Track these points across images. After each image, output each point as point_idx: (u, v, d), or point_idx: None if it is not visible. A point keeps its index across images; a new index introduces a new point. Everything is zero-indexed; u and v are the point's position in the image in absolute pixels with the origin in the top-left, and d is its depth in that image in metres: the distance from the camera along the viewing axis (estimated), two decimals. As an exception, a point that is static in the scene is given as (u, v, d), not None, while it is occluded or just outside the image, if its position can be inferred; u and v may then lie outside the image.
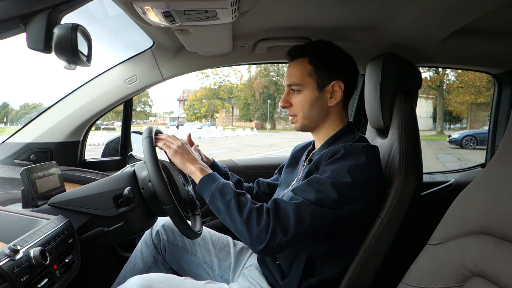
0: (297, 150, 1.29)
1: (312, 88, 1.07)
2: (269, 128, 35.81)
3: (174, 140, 1.11)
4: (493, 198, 0.68)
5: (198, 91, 37.58)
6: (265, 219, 0.88)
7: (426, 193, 1.78)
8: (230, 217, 0.92)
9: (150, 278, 0.97)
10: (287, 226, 0.88)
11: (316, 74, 1.06)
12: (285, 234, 0.88)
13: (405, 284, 0.77)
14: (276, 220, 0.88)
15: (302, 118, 1.09)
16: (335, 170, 0.94)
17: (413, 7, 1.13)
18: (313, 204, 0.90)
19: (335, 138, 1.09)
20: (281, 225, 0.88)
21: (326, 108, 1.09)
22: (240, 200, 0.93)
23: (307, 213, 0.89)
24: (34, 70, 46.56)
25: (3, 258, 0.68)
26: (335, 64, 1.07)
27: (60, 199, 1.01)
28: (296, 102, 1.09)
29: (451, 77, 21.44)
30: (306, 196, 0.92)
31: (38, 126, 1.55)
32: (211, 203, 0.97)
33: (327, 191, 0.91)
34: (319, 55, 1.07)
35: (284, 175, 1.25)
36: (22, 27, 0.81)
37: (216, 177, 1.01)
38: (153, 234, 1.29)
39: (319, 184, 0.93)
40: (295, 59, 1.10)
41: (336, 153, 0.97)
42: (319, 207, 0.90)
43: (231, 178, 1.31)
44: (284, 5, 1.19)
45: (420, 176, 1.07)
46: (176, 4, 0.86)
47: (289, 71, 1.10)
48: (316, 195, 0.91)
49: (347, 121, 1.13)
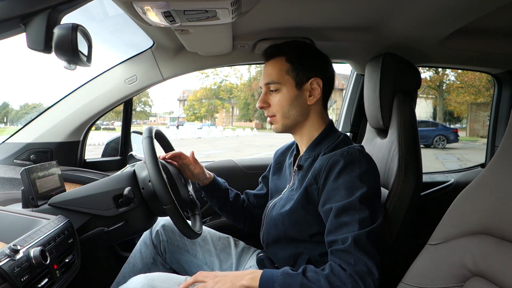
0: (278, 155, 1.27)
1: (290, 86, 1.05)
2: (269, 128, 35.44)
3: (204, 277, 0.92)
4: (493, 198, 0.68)
5: (198, 91, 37.57)
6: (342, 273, 0.83)
7: (426, 193, 1.78)
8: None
9: (151, 277, 0.97)
10: (366, 266, 0.83)
11: (294, 72, 1.05)
12: (366, 266, 0.83)
13: (405, 284, 0.77)
14: (351, 267, 0.84)
15: (282, 117, 1.07)
16: (348, 185, 0.92)
17: (413, 7, 1.13)
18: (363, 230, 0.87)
19: (320, 140, 1.07)
20: (360, 269, 0.83)
21: (306, 107, 1.07)
22: (309, 277, 0.84)
23: (369, 241, 0.86)
24: (34, 70, 46.57)
25: (3, 258, 0.68)
26: (312, 61, 1.07)
27: (60, 199, 1.02)
28: (274, 102, 1.07)
29: (451, 77, 21.45)
30: (350, 229, 0.88)
31: (38, 126, 1.55)
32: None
33: (359, 211, 0.89)
34: (296, 52, 1.07)
35: (272, 183, 1.23)
36: (22, 27, 0.81)
37: (269, 274, 0.87)
38: (153, 235, 1.29)
39: (349, 212, 0.89)
40: (272, 58, 1.08)
41: (336, 165, 0.95)
42: (367, 229, 0.87)
43: (230, 192, 1.29)
44: (284, 5, 1.19)
45: (420, 176, 1.07)
46: (176, 4, 0.86)
47: (266, 71, 1.08)
48: (355, 223, 0.88)
49: (328, 120, 1.11)
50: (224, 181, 1.32)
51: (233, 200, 1.29)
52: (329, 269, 0.85)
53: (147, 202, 1.07)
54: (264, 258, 1.15)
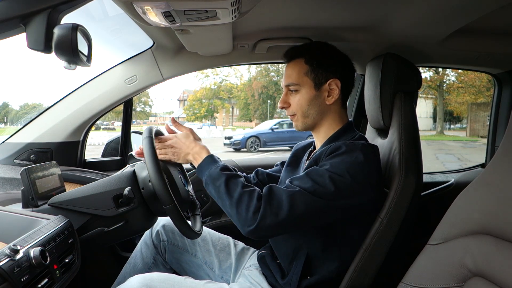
0: (298, 148, 1.30)
1: (309, 87, 1.09)
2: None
3: (163, 142, 1.14)
4: (493, 198, 0.68)
5: (198, 91, 37.53)
6: (255, 203, 0.91)
7: (426, 193, 1.78)
8: (221, 201, 0.97)
9: (150, 278, 0.97)
10: (279, 211, 0.90)
11: (313, 73, 1.08)
12: (276, 216, 0.90)
13: (405, 284, 0.77)
14: (268, 205, 0.90)
15: (302, 116, 1.11)
16: (334, 164, 0.95)
17: (413, 7, 1.13)
18: (309, 193, 0.91)
19: (335, 137, 1.10)
20: (272, 210, 0.90)
21: (325, 107, 1.10)
22: (230, 184, 0.96)
23: (301, 201, 0.91)
24: (34, 70, 46.57)
25: (3, 258, 0.68)
26: (331, 63, 1.09)
27: (60, 199, 1.01)
28: (294, 102, 1.11)
29: (451, 77, 21.43)
30: (302, 185, 0.93)
31: (38, 126, 1.55)
32: (206, 188, 1.02)
33: (325, 183, 0.92)
34: (315, 54, 1.10)
35: (284, 173, 1.25)
36: (22, 27, 0.81)
37: (210, 161, 1.05)
38: (153, 235, 1.29)
39: (317, 176, 0.94)
40: (292, 60, 1.12)
41: (336, 150, 0.98)
42: (315, 197, 0.91)
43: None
44: (284, 5, 1.19)
45: (420, 176, 1.07)
46: (176, 4, 0.86)
47: (286, 72, 1.12)
48: (313, 185, 0.92)
49: (346, 120, 1.14)
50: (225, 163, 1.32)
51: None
52: (251, 189, 0.95)
53: (147, 202, 1.07)
54: (266, 254, 1.15)
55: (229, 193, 0.95)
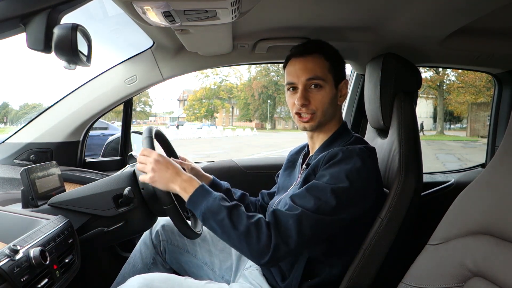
0: (292, 154, 1.28)
1: (331, 85, 1.06)
2: (269, 128, 35.81)
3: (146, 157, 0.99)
4: (493, 198, 0.68)
5: (198, 91, 37.58)
6: (265, 233, 0.88)
7: (426, 193, 1.78)
8: (226, 235, 0.90)
9: (150, 278, 0.97)
10: (289, 239, 0.88)
11: (333, 71, 1.06)
12: (288, 245, 0.88)
13: (405, 284, 0.77)
14: (277, 234, 0.88)
15: (321, 115, 1.05)
16: (333, 174, 0.93)
17: (413, 7, 1.13)
18: (313, 213, 0.90)
19: (332, 141, 1.09)
20: (283, 238, 0.88)
21: (336, 107, 1.09)
22: (234, 217, 0.90)
23: (307, 223, 0.89)
24: (34, 70, 46.57)
25: (3, 258, 0.68)
26: (342, 64, 1.11)
27: (60, 199, 1.01)
28: (317, 99, 1.04)
29: (452, 77, 21.43)
30: (305, 204, 0.91)
31: (38, 126, 1.55)
32: (204, 223, 0.94)
33: (327, 198, 0.90)
34: (333, 53, 1.09)
35: (281, 180, 1.24)
36: (22, 27, 0.81)
37: (203, 193, 0.94)
38: (153, 235, 1.29)
39: (318, 191, 0.92)
40: (311, 54, 1.05)
41: (334, 157, 0.97)
42: (319, 215, 0.90)
43: (234, 193, 1.28)
44: (284, 5, 1.19)
45: (420, 176, 1.07)
46: (176, 4, 0.86)
47: (305, 65, 1.04)
48: (315, 203, 0.90)
49: (342, 121, 1.14)
50: (227, 183, 1.32)
51: (239, 200, 1.28)
52: (256, 220, 0.89)
53: (147, 202, 1.07)
54: None
55: (234, 226, 0.89)
